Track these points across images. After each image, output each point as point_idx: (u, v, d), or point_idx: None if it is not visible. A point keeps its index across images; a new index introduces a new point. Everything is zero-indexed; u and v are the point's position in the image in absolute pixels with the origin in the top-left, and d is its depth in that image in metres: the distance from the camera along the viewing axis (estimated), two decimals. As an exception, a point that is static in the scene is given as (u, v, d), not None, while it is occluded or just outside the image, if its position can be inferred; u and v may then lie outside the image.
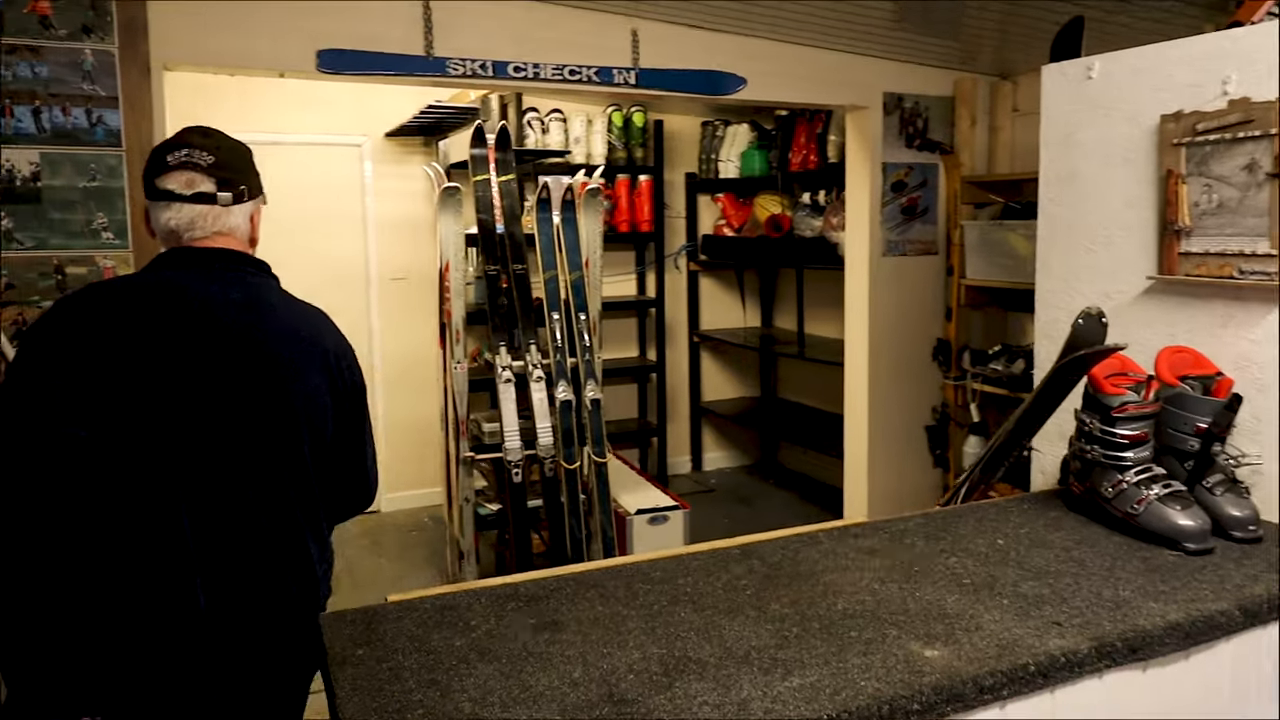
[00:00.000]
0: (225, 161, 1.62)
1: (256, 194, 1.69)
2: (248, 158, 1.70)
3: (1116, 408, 1.82)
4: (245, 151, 1.70)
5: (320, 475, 1.64)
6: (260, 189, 1.71)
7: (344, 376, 1.69)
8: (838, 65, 3.69)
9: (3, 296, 2.64)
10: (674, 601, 1.53)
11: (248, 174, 1.67)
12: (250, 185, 1.67)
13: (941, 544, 1.78)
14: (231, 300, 1.58)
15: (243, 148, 1.70)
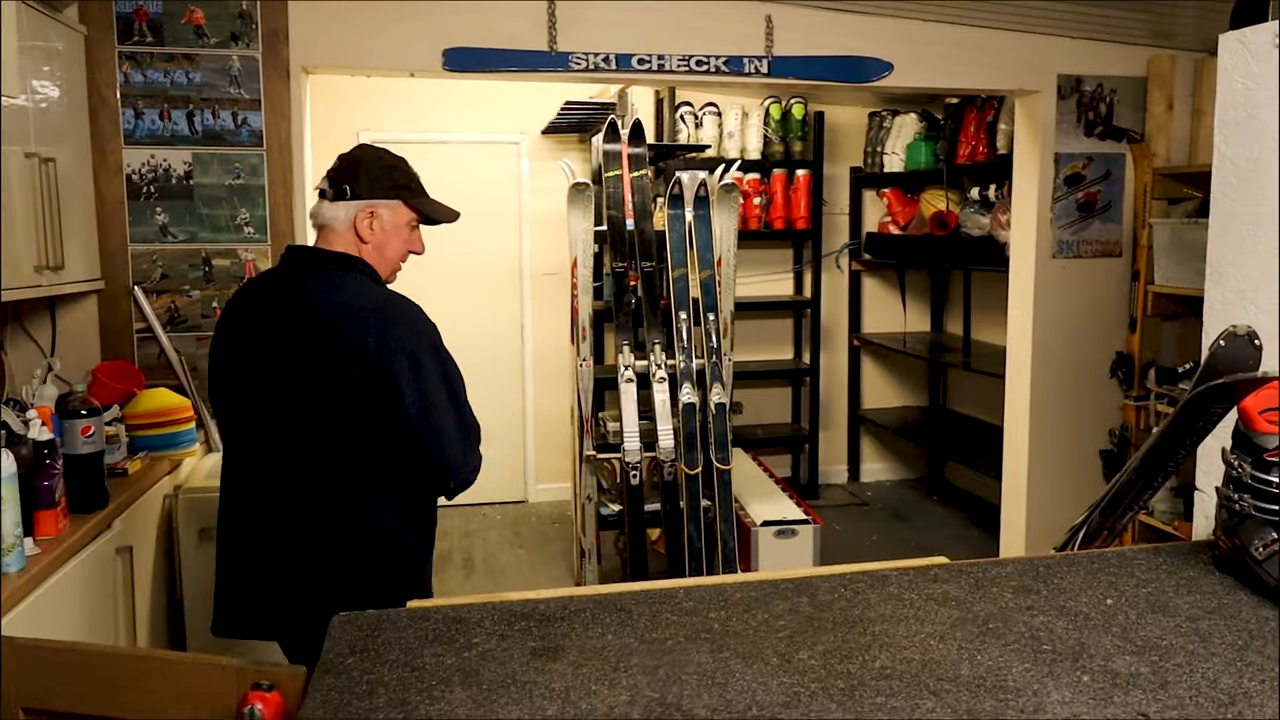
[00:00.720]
0: (343, 167, 1.90)
1: (363, 196, 1.87)
2: (368, 165, 1.90)
3: (1272, 450, 1.48)
4: (372, 161, 1.92)
5: (374, 445, 1.82)
6: (371, 193, 1.87)
7: (369, 359, 1.77)
8: (1002, 45, 3.33)
9: (158, 286, 2.89)
10: (693, 638, 1.39)
11: (358, 179, 1.88)
12: (354, 187, 1.87)
13: (1034, 598, 1.52)
14: (291, 290, 1.85)
15: (371, 158, 1.93)
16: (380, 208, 1.87)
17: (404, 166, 1.96)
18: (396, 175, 1.92)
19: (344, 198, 1.87)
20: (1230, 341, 1.66)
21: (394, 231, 1.90)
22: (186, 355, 2.90)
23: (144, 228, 2.85)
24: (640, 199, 3.57)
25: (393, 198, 1.89)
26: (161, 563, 2.50)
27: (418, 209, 1.93)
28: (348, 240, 1.88)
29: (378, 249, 1.89)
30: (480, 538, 4.70)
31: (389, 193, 1.89)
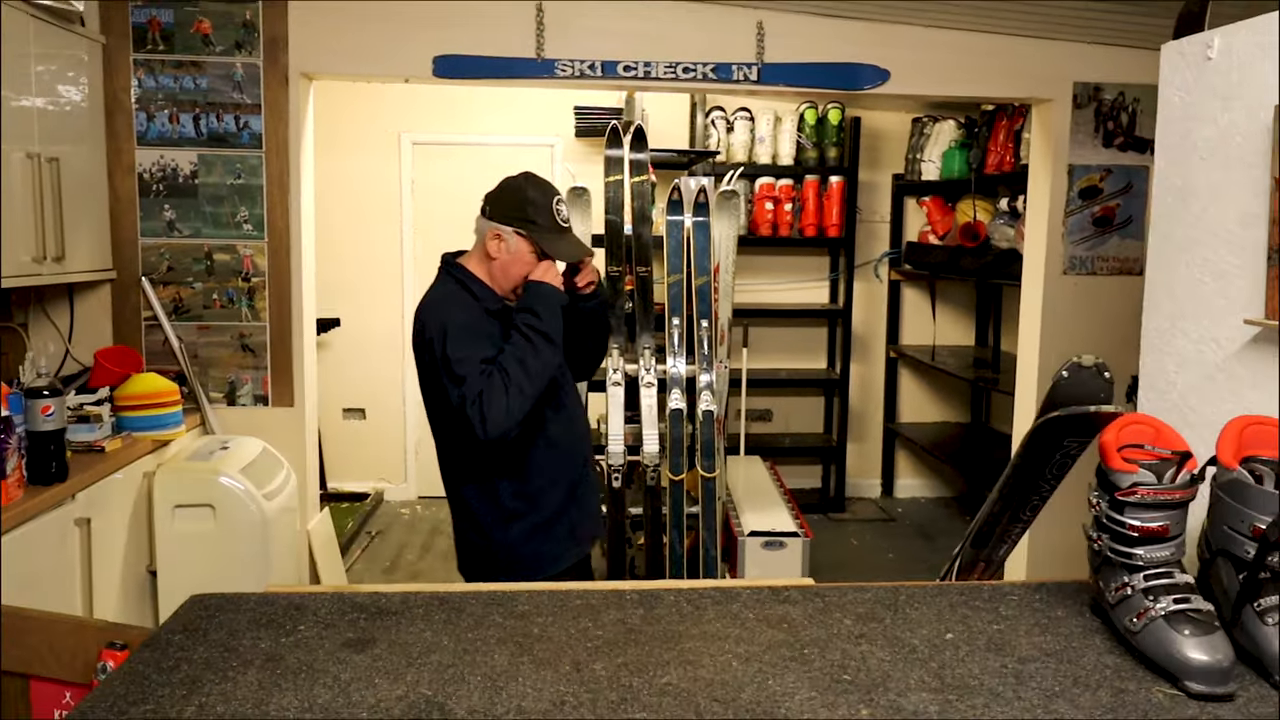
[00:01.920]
0: (494, 188, 2.13)
1: (494, 219, 2.07)
2: (509, 192, 2.10)
3: (1124, 489, 1.40)
4: (514, 188, 2.10)
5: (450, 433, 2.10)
6: (501, 218, 2.05)
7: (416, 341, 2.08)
8: (1011, 51, 3.20)
9: (165, 277, 3.10)
10: (505, 641, 1.42)
11: (495, 201, 2.09)
12: (491, 208, 2.09)
13: (873, 626, 1.48)
14: None
15: (514, 186, 2.11)
16: (506, 233, 2.04)
17: (541, 200, 2.06)
18: (529, 208, 2.05)
19: (484, 215, 2.09)
20: (1074, 373, 1.57)
21: (517, 257, 2.05)
22: (188, 343, 3.10)
23: (153, 223, 3.06)
24: (640, 204, 3.59)
25: (517, 227, 2.04)
26: (140, 536, 2.69)
27: (538, 243, 2.04)
28: (480, 253, 2.10)
29: (502, 269, 2.06)
30: (497, 530, 4.81)
31: (514, 221, 2.04)
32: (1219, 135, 1.71)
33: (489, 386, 1.98)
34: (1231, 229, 1.67)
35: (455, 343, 1.99)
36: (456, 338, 2.00)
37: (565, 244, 2.10)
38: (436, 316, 2.03)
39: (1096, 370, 1.57)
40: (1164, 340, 1.89)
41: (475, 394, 1.97)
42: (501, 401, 1.97)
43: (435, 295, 2.11)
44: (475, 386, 1.98)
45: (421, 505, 5.20)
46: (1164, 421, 1.51)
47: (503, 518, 2.14)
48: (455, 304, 2.06)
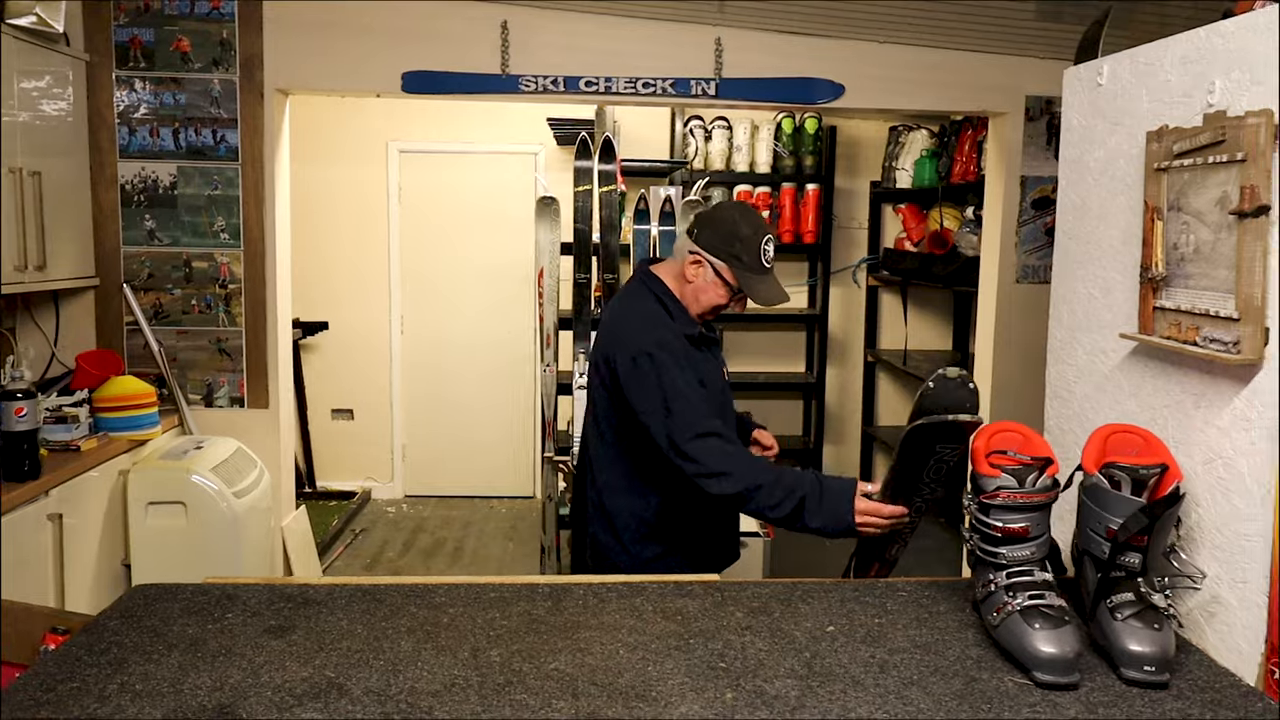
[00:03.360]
0: (704, 212, 2.15)
1: (700, 244, 2.06)
2: (718, 221, 2.08)
3: (989, 492, 1.50)
4: (724, 218, 2.09)
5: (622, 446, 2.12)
6: (706, 246, 2.05)
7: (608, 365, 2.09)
8: (963, 66, 3.29)
9: (146, 284, 3.23)
10: (415, 629, 1.54)
11: (704, 227, 2.08)
12: (699, 232, 2.08)
13: (762, 619, 1.59)
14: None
15: (725, 216, 2.09)
16: (708, 261, 2.04)
17: (751, 237, 2.04)
18: (736, 244, 2.03)
19: (690, 236, 2.08)
20: (940, 384, 1.68)
21: (712, 285, 2.05)
22: (168, 346, 3.24)
23: (134, 232, 3.19)
24: (608, 213, 3.71)
25: (721, 260, 2.03)
26: (115, 530, 2.83)
27: (737, 280, 2.04)
28: (676, 270, 2.10)
29: (695, 292, 2.07)
30: (479, 529, 4.94)
31: (719, 253, 2.03)
32: (1107, 157, 1.81)
33: (743, 462, 1.94)
34: (1116, 246, 1.76)
35: (671, 373, 1.98)
36: (672, 368, 1.98)
37: (765, 286, 2.07)
38: (644, 340, 2.01)
39: (961, 381, 1.68)
40: (1065, 351, 1.98)
41: (705, 432, 1.94)
42: (728, 484, 1.92)
43: (637, 313, 2.09)
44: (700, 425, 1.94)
45: (408, 504, 5.33)
46: (1033, 429, 1.61)
47: (643, 534, 2.13)
48: (661, 328, 2.04)
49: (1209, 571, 1.49)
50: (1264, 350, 1.35)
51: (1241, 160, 1.37)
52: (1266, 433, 1.36)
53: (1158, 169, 1.59)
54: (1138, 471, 1.46)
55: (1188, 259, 1.53)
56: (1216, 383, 1.48)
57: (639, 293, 2.15)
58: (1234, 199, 1.39)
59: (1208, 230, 1.47)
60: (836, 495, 1.90)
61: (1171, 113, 1.59)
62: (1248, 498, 1.40)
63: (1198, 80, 1.52)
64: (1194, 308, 1.49)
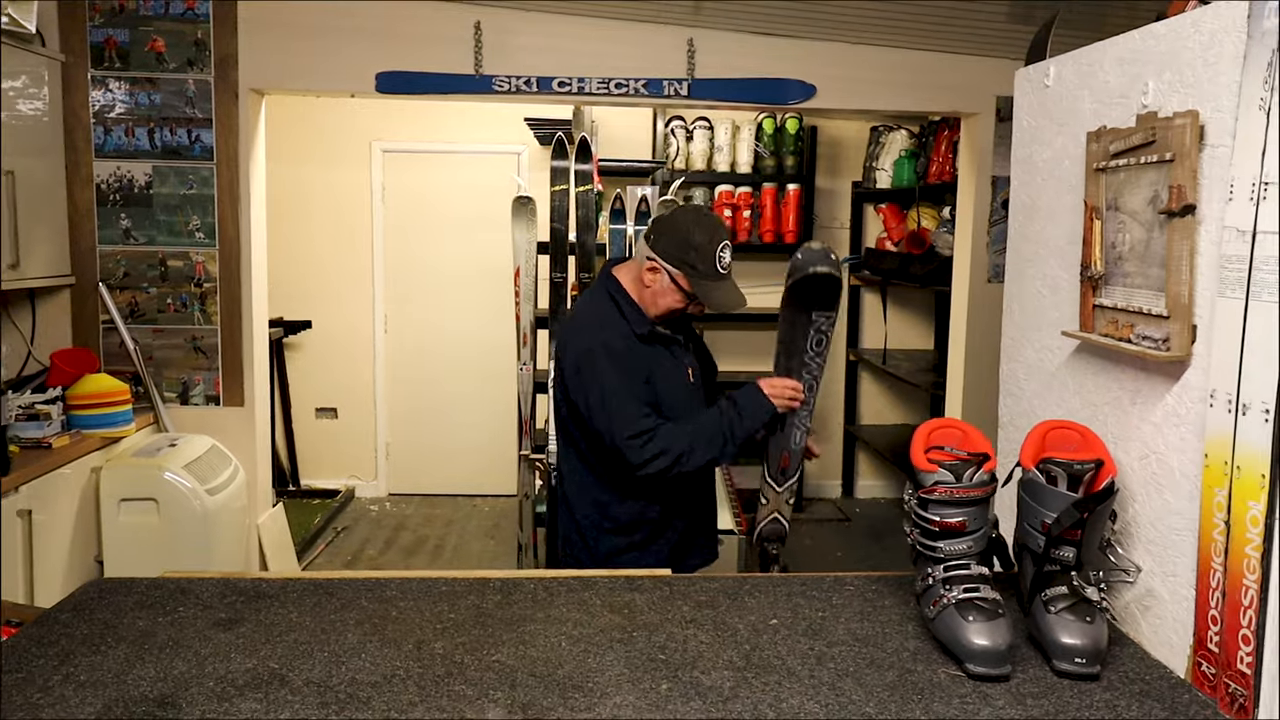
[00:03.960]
0: (661, 217, 2.20)
1: (654, 250, 2.11)
2: (673, 227, 2.13)
3: (927, 487, 1.52)
4: (680, 225, 2.12)
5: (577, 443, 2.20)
6: (661, 253, 2.10)
7: (558, 365, 2.19)
8: (934, 67, 3.31)
9: (121, 283, 3.25)
10: (364, 622, 1.56)
11: (660, 234, 2.13)
12: (655, 238, 2.12)
13: (708, 613, 1.61)
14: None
15: (681, 223, 2.13)
16: (664, 267, 2.08)
17: (706, 245, 2.07)
18: (690, 252, 2.07)
19: (648, 242, 2.12)
20: (806, 253, 2.07)
21: (669, 290, 2.10)
22: (144, 345, 3.26)
23: (110, 231, 3.21)
24: (584, 213, 3.73)
25: (675, 267, 2.08)
26: (87, 527, 2.85)
27: (692, 288, 2.08)
28: (635, 273, 2.15)
29: (652, 296, 2.12)
30: (461, 526, 4.96)
31: (673, 260, 2.08)
32: (1053, 158, 1.83)
33: (667, 438, 2.06)
34: (1062, 246, 1.79)
35: (607, 372, 2.06)
36: (609, 369, 2.06)
37: (721, 292, 2.11)
38: (588, 340, 2.09)
39: (822, 249, 2.09)
40: (1016, 349, 2.01)
41: (638, 432, 2.05)
42: (664, 461, 2.06)
43: (589, 313, 2.17)
44: (634, 426, 2.05)
45: (391, 503, 5.35)
46: (973, 425, 1.64)
47: (605, 528, 2.19)
48: (607, 328, 2.11)
49: (1143, 565, 1.51)
50: (1191, 347, 1.38)
51: (1170, 160, 1.39)
52: (1194, 429, 1.38)
53: (1097, 169, 1.61)
54: (1073, 467, 1.49)
55: (1124, 258, 1.55)
56: (1150, 379, 1.50)
57: (596, 293, 2.21)
58: (1164, 198, 1.41)
59: (1141, 229, 1.50)
60: (748, 397, 2.14)
61: (1110, 113, 1.62)
62: (1177, 492, 1.43)
63: (1133, 81, 1.55)
64: (1129, 305, 1.52)
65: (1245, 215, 1.24)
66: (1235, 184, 1.26)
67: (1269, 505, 1.20)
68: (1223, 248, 1.29)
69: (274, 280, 5.18)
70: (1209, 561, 1.32)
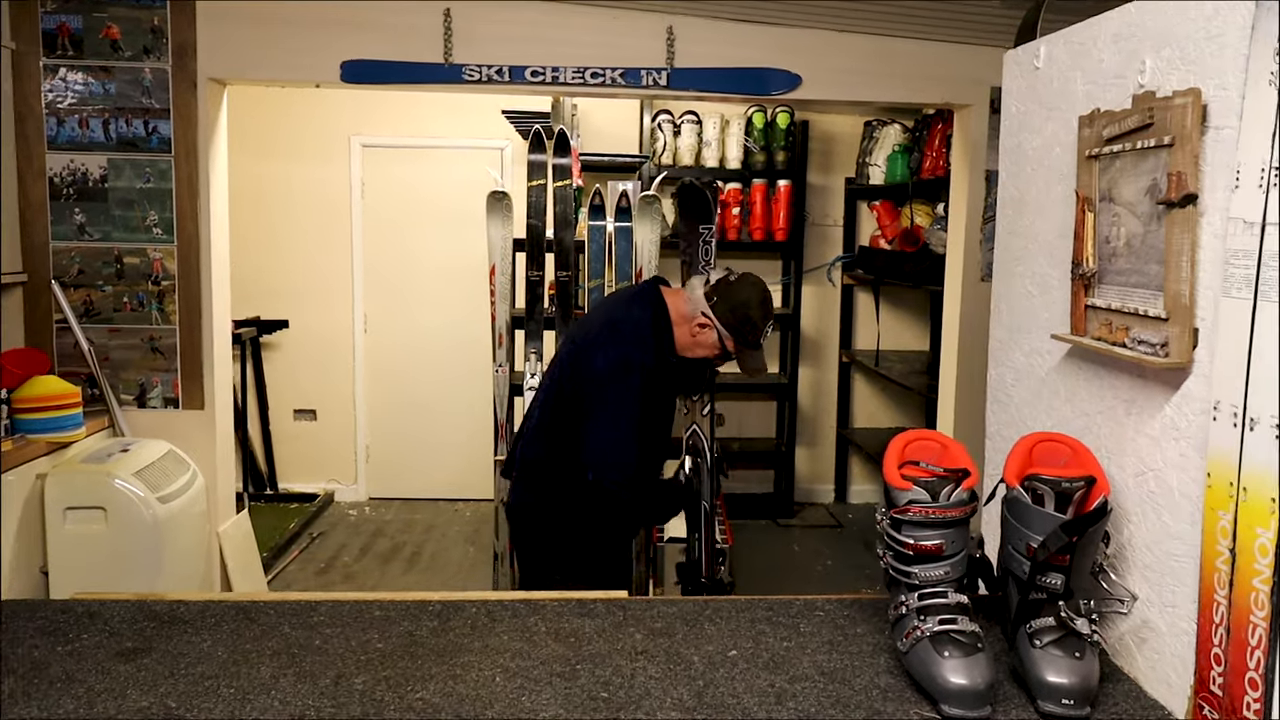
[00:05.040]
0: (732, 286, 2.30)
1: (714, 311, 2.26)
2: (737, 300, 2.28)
3: (900, 506, 1.38)
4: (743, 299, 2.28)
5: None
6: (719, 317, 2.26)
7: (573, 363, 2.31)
8: (926, 56, 3.17)
9: (75, 280, 3.11)
10: (282, 652, 1.42)
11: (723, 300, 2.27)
12: (719, 300, 2.26)
13: (661, 640, 1.47)
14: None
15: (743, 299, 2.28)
16: (713, 327, 2.26)
17: (760, 321, 2.27)
18: (747, 325, 2.25)
19: (707, 296, 2.27)
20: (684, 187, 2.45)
21: (711, 345, 2.29)
22: (100, 345, 3.12)
23: (64, 226, 3.08)
24: (562, 209, 3.59)
25: (728, 331, 2.26)
26: (32, 536, 2.71)
27: (735, 351, 2.29)
28: (684, 312, 2.29)
29: (693, 343, 2.30)
30: (441, 532, 4.82)
31: (728, 326, 2.26)
32: (1043, 146, 1.69)
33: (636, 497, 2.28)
34: (1052, 241, 1.65)
35: (633, 396, 2.18)
36: (634, 392, 2.19)
37: (755, 360, 2.32)
38: (633, 352, 2.21)
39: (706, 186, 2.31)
40: (1004, 352, 1.86)
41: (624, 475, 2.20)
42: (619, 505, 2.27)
43: (640, 323, 2.27)
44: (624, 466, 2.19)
45: (370, 507, 5.21)
46: (965, 431, 1.50)
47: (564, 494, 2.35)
48: (650, 348, 2.24)
49: (1140, 594, 1.37)
50: (1192, 353, 1.24)
51: (1169, 145, 1.25)
52: (1195, 444, 1.24)
53: (1089, 156, 1.47)
54: (1061, 484, 1.34)
55: (1119, 253, 1.41)
56: (1148, 388, 1.36)
57: (649, 305, 2.32)
58: (1163, 187, 1.27)
59: (1138, 222, 1.35)
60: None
61: (1105, 95, 1.47)
62: (1177, 514, 1.29)
63: (1129, 59, 1.41)
64: (1124, 306, 1.38)
65: (1253, 205, 1.10)
66: (1242, 169, 1.12)
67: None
68: (1228, 242, 1.15)
69: (250, 278, 5.06)
70: (1212, 593, 1.18)
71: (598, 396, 2.20)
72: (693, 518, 2.53)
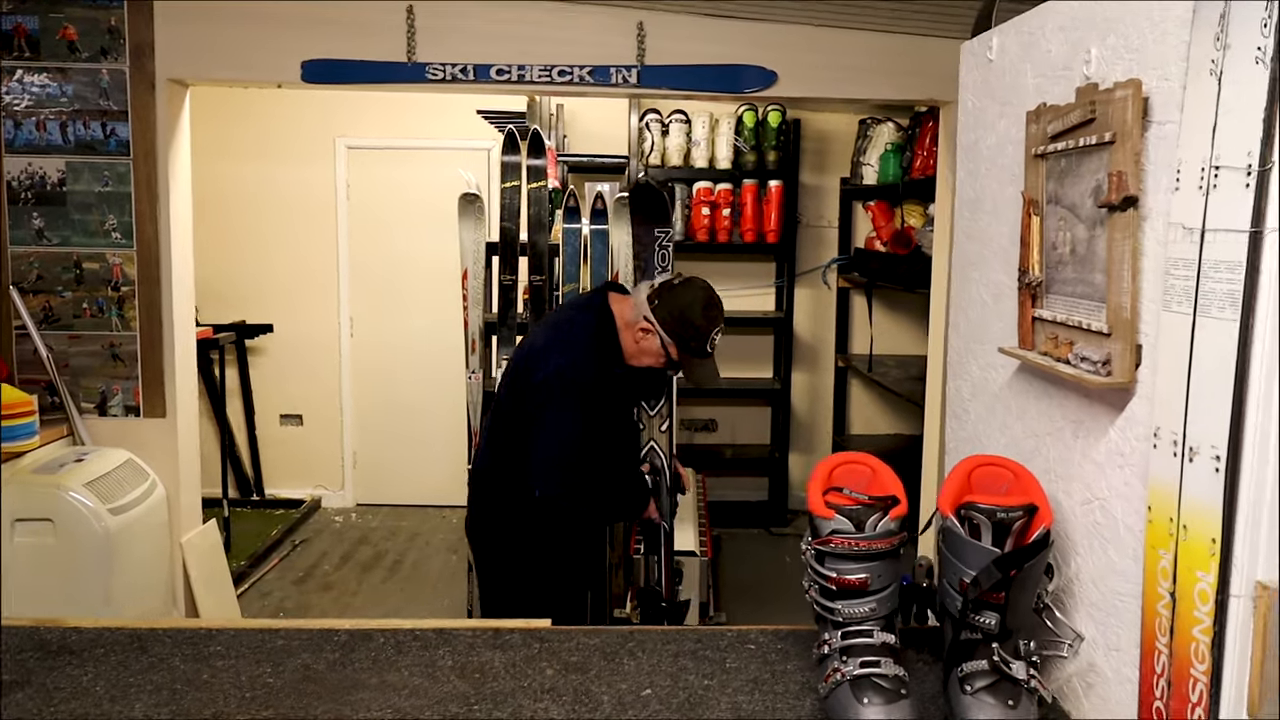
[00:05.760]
0: (676, 290, 2.21)
1: (657, 315, 2.17)
2: (679, 304, 2.18)
3: (822, 537, 1.27)
4: (686, 303, 2.19)
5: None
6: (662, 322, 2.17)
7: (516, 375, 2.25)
8: (909, 51, 3.04)
9: (34, 286, 3.05)
10: (163, 686, 1.33)
11: (665, 304, 2.18)
12: (660, 305, 2.17)
13: (574, 677, 1.37)
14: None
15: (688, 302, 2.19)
16: (658, 333, 2.16)
17: (705, 328, 2.16)
18: (690, 330, 2.15)
19: (650, 304, 2.17)
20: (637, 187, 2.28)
21: (655, 352, 2.19)
22: (59, 352, 3.06)
23: (21, 231, 3.01)
24: (536, 211, 3.49)
25: (671, 338, 2.16)
26: (-21, 550, 2.65)
27: (680, 363, 2.18)
28: (628, 318, 2.20)
29: (638, 350, 2.20)
30: (425, 540, 4.74)
31: (671, 332, 2.16)
32: (997, 143, 1.58)
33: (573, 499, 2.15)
34: (1005, 246, 1.53)
35: (574, 409, 2.10)
36: (576, 405, 2.10)
37: (703, 368, 2.22)
38: (565, 360, 2.12)
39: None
40: (961, 364, 1.75)
41: (566, 486, 2.12)
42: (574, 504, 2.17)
43: (583, 334, 2.18)
44: (566, 479, 2.11)
45: (357, 514, 5.14)
46: (882, 461, 1.38)
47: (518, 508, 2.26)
48: (592, 360, 2.15)
49: (1086, 634, 1.25)
50: (1135, 372, 1.12)
51: (1110, 142, 1.13)
52: (1139, 473, 1.12)
53: (1036, 155, 1.36)
54: (996, 514, 1.23)
55: (1065, 261, 1.29)
56: (1093, 409, 1.24)
57: (593, 315, 2.22)
58: (1105, 189, 1.15)
59: (1084, 227, 1.24)
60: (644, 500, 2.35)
61: (1053, 89, 1.36)
62: (1121, 549, 1.17)
63: (1075, 49, 1.29)
64: (1069, 319, 1.26)
65: (1193, 208, 0.98)
66: (1182, 168, 1.00)
67: (1220, 579, 0.94)
68: (1167, 250, 1.03)
69: (234, 282, 5.01)
70: (1153, 640, 1.06)
71: (537, 411, 2.12)
72: (650, 539, 2.41)
